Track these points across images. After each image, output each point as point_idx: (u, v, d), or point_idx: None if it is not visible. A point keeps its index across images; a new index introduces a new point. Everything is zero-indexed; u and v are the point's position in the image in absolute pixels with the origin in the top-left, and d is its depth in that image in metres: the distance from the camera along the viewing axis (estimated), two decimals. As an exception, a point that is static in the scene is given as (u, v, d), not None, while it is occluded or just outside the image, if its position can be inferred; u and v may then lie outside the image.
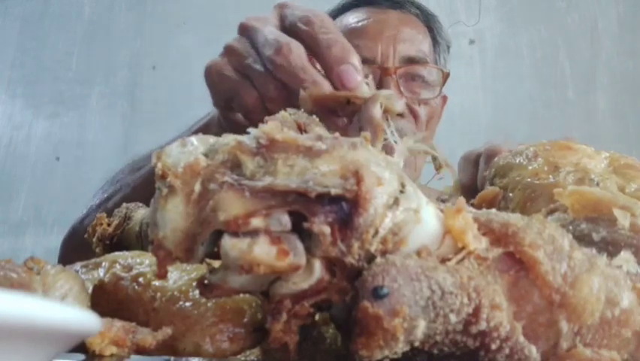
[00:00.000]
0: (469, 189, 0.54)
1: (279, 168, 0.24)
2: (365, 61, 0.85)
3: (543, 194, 0.34)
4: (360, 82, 0.48)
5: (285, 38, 0.50)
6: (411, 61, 0.88)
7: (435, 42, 0.96)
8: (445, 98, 1.00)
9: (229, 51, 0.56)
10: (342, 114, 0.47)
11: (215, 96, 0.59)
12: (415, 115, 0.87)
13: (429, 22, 0.97)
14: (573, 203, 0.31)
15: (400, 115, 0.83)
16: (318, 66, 0.51)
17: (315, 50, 0.49)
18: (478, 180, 0.54)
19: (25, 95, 2.22)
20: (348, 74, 0.47)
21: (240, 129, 0.26)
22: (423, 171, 0.96)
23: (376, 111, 0.45)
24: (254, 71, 0.52)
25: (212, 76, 0.56)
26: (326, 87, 0.47)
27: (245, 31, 0.55)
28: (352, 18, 0.93)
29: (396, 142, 0.46)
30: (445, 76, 0.90)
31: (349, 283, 0.24)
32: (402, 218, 0.25)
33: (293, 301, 0.24)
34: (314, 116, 0.46)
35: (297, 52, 0.49)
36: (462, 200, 0.26)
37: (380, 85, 0.84)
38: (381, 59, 0.87)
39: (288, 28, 0.52)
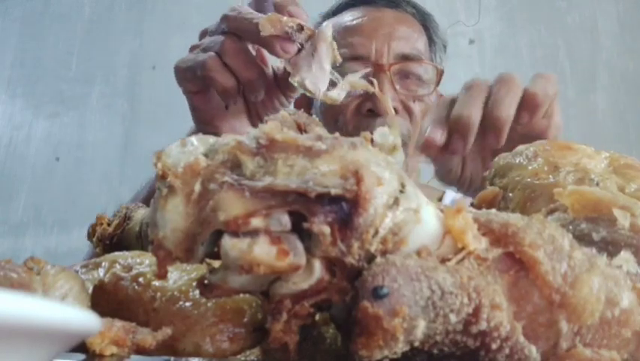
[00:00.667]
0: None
1: (279, 168, 0.24)
2: (359, 58, 0.86)
3: (543, 194, 0.34)
4: (306, 18, 0.54)
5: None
6: (405, 58, 0.88)
7: (431, 41, 0.97)
8: (440, 97, 1.00)
9: (190, 48, 0.63)
10: (296, 39, 0.52)
11: (182, 83, 0.64)
12: (409, 111, 0.88)
13: (425, 22, 0.97)
14: (573, 203, 0.31)
15: (395, 110, 0.84)
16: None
17: (263, 7, 0.56)
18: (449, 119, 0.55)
19: (25, 95, 2.22)
20: (297, 10, 0.54)
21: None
22: (423, 170, 0.96)
23: (329, 35, 0.51)
24: (207, 41, 0.59)
25: (177, 68, 0.63)
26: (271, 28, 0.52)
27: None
28: (348, 17, 0.94)
29: (337, 79, 0.53)
30: (440, 73, 0.90)
31: (349, 283, 0.24)
32: (402, 218, 0.25)
33: (293, 301, 0.24)
34: (314, 116, 0.47)
35: (245, 8, 0.56)
36: (462, 201, 0.26)
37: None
38: (376, 57, 0.87)
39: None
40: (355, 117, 0.86)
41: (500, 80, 0.57)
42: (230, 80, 0.57)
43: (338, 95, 0.54)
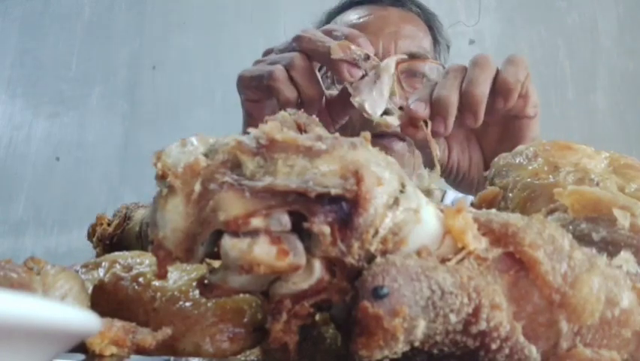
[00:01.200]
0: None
1: (279, 168, 0.24)
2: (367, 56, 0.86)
3: (543, 194, 0.34)
4: (372, 50, 0.60)
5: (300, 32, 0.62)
6: (412, 57, 0.88)
7: (435, 41, 0.97)
8: None
9: (255, 62, 0.67)
10: (362, 67, 0.58)
11: (244, 90, 0.66)
12: None
13: (429, 21, 0.97)
14: (573, 203, 0.31)
15: (400, 109, 0.85)
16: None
17: (331, 34, 0.60)
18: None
19: (25, 95, 2.22)
20: (367, 43, 0.59)
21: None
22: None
23: (393, 67, 0.58)
24: (275, 57, 0.63)
25: (242, 77, 0.66)
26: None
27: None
28: (353, 15, 0.94)
29: (393, 108, 0.60)
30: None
31: (349, 283, 0.24)
32: (402, 218, 0.25)
33: (293, 301, 0.24)
34: (314, 116, 0.47)
35: (318, 32, 0.60)
36: (462, 201, 0.26)
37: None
38: (383, 55, 0.87)
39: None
40: (362, 116, 0.87)
41: (474, 61, 0.60)
42: (293, 93, 0.61)
43: (393, 120, 0.60)
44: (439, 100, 0.57)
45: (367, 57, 0.58)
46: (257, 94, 0.64)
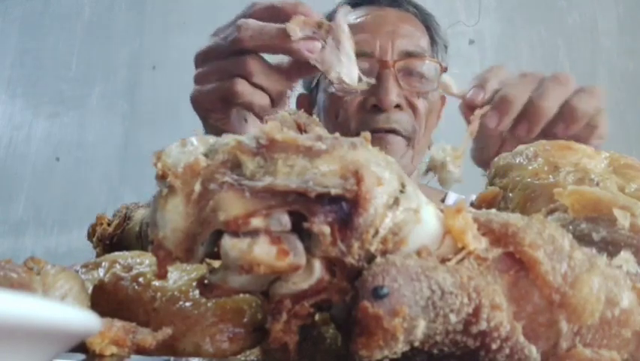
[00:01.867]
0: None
1: (279, 168, 0.24)
2: (364, 55, 0.86)
3: (543, 194, 0.34)
4: (318, 13, 0.57)
5: (242, 14, 0.58)
6: (409, 55, 0.88)
7: (433, 41, 0.97)
8: (444, 100, 1.00)
9: (198, 76, 0.62)
10: (319, 37, 0.54)
11: (206, 113, 0.63)
12: (413, 108, 0.88)
13: (427, 22, 0.98)
14: (573, 203, 0.31)
15: (398, 107, 0.84)
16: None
17: (269, 13, 0.56)
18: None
19: (25, 95, 2.22)
20: (308, 10, 0.56)
21: None
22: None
23: (345, 24, 0.55)
24: (220, 65, 0.59)
25: (197, 100, 0.62)
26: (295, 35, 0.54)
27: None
28: (351, 16, 0.94)
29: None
30: (443, 70, 0.90)
31: (349, 283, 0.24)
32: (402, 218, 0.25)
33: (293, 301, 0.24)
34: (314, 117, 0.47)
35: (252, 22, 0.55)
36: (462, 201, 0.26)
37: (379, 78, 0.85)
38: (380, 53, 0.88)
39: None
40: (359, 113, 0.86)
41: (555, 75, 0.58)
42: (265, 98, 0.58)
43: (369, 80, 0.57)
44: (505, 96, 0.56)
45: (320, 24, 0.54)
46: (225, 113, 0.61)
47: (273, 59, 0.59)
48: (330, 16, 0.97)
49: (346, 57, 0.54)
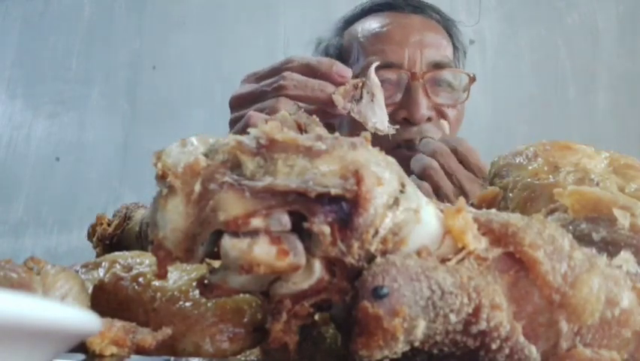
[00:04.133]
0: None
1: (279, 168, 0.24)
2: (392, 65, 0.86)
3: (543, 194, 0.34)
4: (349, 71, 0.63)
5: (281, 67, 0.64)
6: (437, 66, 0.87)
7: (455, 47, 0.96)
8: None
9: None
10: (356, 98, 0.61)
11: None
12: (444, 118, 0.87)
13: (448, 28, 0.96)
14: (573, 203, 0.31)
15: (429, 120, 0.85)
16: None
17: (307, 70, 0.62)
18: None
19: (25, 95, 2.22)
20: (341, 69, 0.62)
21: None
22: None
23: (376, 78, 0.63)
24: (261, 106, 0.63)
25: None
26: (331, 88, 0.61)
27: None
28: (375, 23, 0.92)
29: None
30: (472, 80, 0.90)
31: (349, 283, 0.24)
32: (402, 218, 0.25)
33: (293, 301, 0.24)
34: (314, 116, 0.47)
35: (296, 75, 0.62)
36: (462, 200, 0.26)
37: (408, 89, 0.85)
38: (409, 64, 0.86)
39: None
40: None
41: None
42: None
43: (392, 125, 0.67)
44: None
45: (356, 86, 0.61)
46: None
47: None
48: (347, 22, 0.97)
49: (379, 108, 0.62)
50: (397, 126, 0.64)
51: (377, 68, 0.85)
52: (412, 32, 0.89)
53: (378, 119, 0.60)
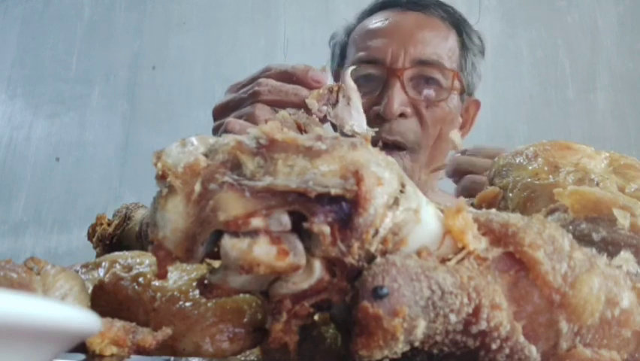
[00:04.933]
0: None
1: (279, 168, 0.24)
2: (375, 62, 0.85)
3: (543, 194, 0.34)
4: (325, 75, 0.63)
5: (259, 75, 0.64)
6: (422, 63, 0.86)
7: (463, 46, 0.94)
8: (477, 104, 0.98)
9: (216, 128, 0.67)
10: (331, 100, 0.60)
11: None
12: (420, 117, 0.86)
13: (458, 26, 0.95)
14: (573, 203, 0.31)
15: (402, 115, 0.83)
16: None
17: (284, 76, 0.63)
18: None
19: (25, 95, 2.22)
20: (316, 74, 0.62)
21: None
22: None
23: (352, 82, 0.61)
24: (239, 113, 0.64)
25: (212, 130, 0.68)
26: (305, 92, 0.61)
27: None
28: (372, 20, 0.93)
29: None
30: (454, 77, 0.88)
31: (349, 283, 0.24)
32: (402, 218, 0.25)
33: (293, 301, 0.24)
34: (314, 116, 0.47)
35: (271, 80, 0.63)
36: (462, 200, 0.26)
37: (384, 86, 0.84)
38: (391, 60, 0.86)
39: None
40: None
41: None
42: None
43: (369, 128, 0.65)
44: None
45: (331, 90, 0.61)
46: None
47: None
48: (359, 19, 0.97)
49: (356, 111, 0.61)
50: (377, 129, 0.65)
51: (361, 62, 0.86)
52: (401, 29, 0.89)
53: (355, 121, 0.60)
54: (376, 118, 0.84)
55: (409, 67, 0.85)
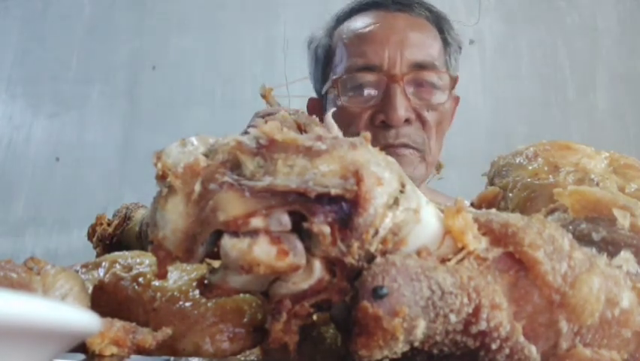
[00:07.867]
0: None
1: (279, 168, 0.24)
2: (372, 68, 0.85)
3: (543, 194, 0.34)
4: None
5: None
6: (419, 66, 0.86)
7: (446, 43, 0.94)
8: (457, 100, 0.99)
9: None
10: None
11: None
12: (422, 121, 0.86)
13: (440, 24, 0.95)
14: (573, 203, 0.31)
15: (407, 121, 0.84)
16: None
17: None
18: None
19: (25, 95, 2.22)
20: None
21: None
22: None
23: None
24: None
25: None
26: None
27: None
28: (360, 23, 0.92)
29: None
30: (454, 80, 0.89)
31: (349, 283, 0.24)
32: (402, 218, 0.25)
33: (293, 301, 0.24)
34: (314, 116, 0.47)
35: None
36: (462, 200, 0.26)
37: (386, 93, 0.84)
38: (388, 66, 0.86)
39: None
40: (368, 128, 0.85)
41: None
42: None
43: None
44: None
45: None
46: None
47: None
48: (338, 20, 0.96)
49: None
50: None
51: (358, 70, 0.85)
52: (393, 32, 0.89)
53: None
54: (381, 124, 0.84)
55: (407, 72, 0.86)
